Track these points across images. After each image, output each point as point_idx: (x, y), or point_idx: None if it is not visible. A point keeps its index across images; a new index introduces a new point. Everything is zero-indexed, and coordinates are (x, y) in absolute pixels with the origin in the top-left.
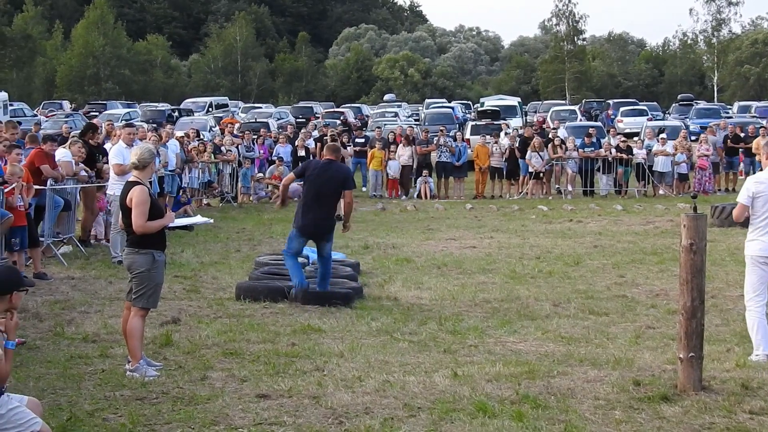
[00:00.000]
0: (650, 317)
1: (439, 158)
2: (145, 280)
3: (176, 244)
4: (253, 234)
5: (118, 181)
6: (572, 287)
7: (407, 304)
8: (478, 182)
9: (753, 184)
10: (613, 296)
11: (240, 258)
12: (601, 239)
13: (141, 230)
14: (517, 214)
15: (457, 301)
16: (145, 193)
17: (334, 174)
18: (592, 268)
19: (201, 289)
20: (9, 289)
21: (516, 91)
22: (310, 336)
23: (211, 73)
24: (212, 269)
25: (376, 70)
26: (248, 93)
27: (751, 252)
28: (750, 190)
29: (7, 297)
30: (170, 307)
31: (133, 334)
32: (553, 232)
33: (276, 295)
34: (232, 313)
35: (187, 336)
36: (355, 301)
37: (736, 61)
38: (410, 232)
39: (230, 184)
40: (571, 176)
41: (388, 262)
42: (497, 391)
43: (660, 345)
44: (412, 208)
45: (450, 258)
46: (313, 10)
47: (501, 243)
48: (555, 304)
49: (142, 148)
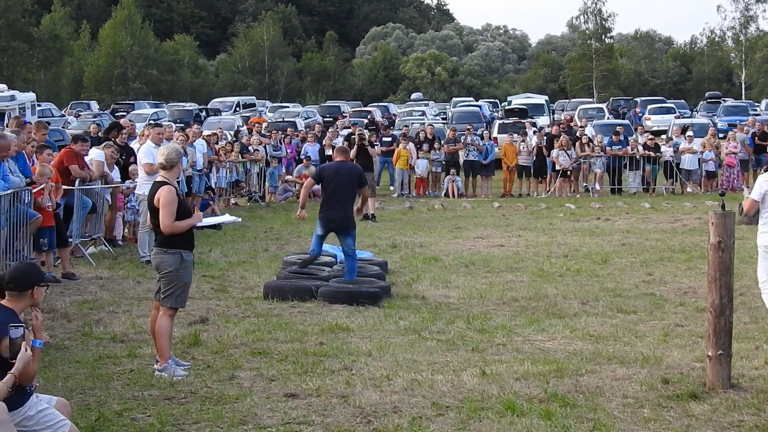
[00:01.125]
0: (679, 315)
1: (467, 157)
2: (173, 280)
3: (204, 244)
4: (281, 233)
5: (147, 180)
6: (600, 285)
7: (435, 302)
8: (505, 181)
9: (765, 183)
10: (642, 294)
11: (268, 257)
12: (629, 237)
13: (169, 230)
14: (545, 213)
15: (485, 299)
16: (173, 193)
17: (346, 174)
18: (620, 266)
19: (229, 289)
20: (30, 285)
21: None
22: (338, 335)
23: (239, 73)
24: (240, 269)
25: (403, 69)
26: (275, 92)
27: (763, 242)
28: (762, 188)
29: (28, 293)
30: (198, 307)
31: (162, 334)
32: (580, 230)
33: (304, 295)
34: (260, 312)
35: (216, 335)
36: (383, 300)
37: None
38: (438, 231)
39: (258, 184)
40: (599, 174)
41: (415, 261)
42: (525, 390)
43: (688, 343)
44: (440, 206)
45: (478, 256)
46: (340, 9)
47: (529, 241)
48: (583, 302)
49: (170, 148)
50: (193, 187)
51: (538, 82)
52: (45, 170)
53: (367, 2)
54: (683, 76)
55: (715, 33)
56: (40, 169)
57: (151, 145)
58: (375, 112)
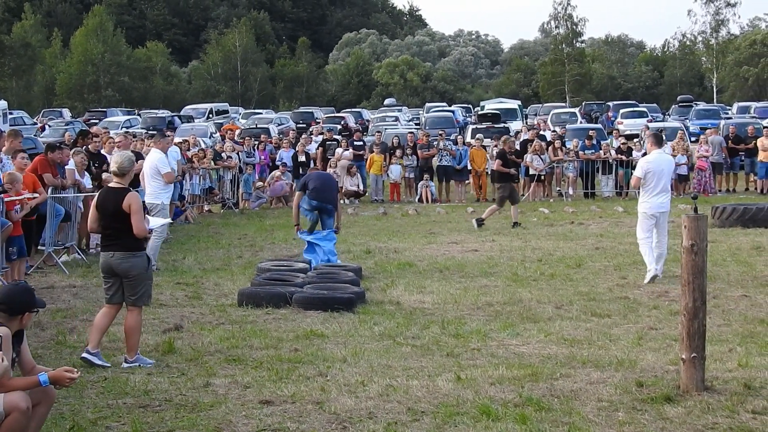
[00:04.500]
0: (652, 318)
1: (440, 162)
2: (144, 280)
3: (178, 251)
4: (255, 240)
5: (165, 189)
6: (574, 289)
7: (410, 308)
8: (476, 186)
9: (645, 163)
10: (615, 298)
11: (242, 264)
12: (602, 241)
13: (143, 234)
14: (519, 217)
15: (460, 304)
16: (140, 199)
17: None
18: (594, 270)
19: (203, 296)
20: (21, 311)
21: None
22: (313, 341)
23: (211, 80)
24: (214, 276)
25: (376, 75)
26: (248, 99)
27: (643, 209)
28: (643, 168)
29: (18, 317)
30: (172, 314)
31: (137, 331)
32: (554, 235)
33: (278, 301)
34: (235, 319)
35: (190, 343)
36: (357, 305)
37: (734, 61)
38: (412, 236)
39: (231, 191)
40: (572, 178)
41: (390, 267)
42: (500, 394)
43: (662, 346)
44: (414, 212)
45: (452, 261)
46: (312, 15)
47: (503, 246)
48: (557, 306)
49: (123, 155)
50: None
51: (511, 87)
52: (14, 177)
53: (339, 8)
54: (655, 80)
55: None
56: (8, 177)
57: (161, 155)
58: (348, 118)
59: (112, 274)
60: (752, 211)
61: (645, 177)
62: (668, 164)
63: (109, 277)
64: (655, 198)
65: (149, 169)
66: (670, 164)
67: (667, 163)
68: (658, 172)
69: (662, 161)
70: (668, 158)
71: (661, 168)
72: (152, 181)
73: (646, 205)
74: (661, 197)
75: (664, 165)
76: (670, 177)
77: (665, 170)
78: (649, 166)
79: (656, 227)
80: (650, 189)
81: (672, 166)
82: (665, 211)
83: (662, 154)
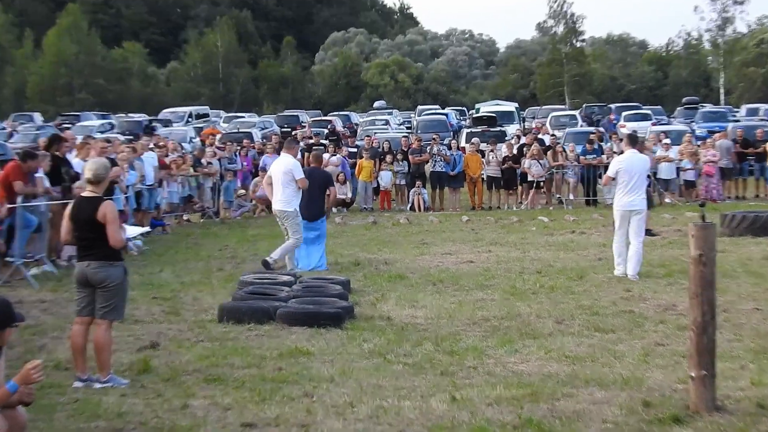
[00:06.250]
0: (659, 333)
1: (433, 168)
2: (119, 292)
3: (155, 263)
4: (237, 251)
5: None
6: (576, 303)
7: (401, 323)
8: (471, 193)
9: (617, 163)
10: (620, 312)
11: (223, 277)
12: (605, 251)
13: (120, 244)
14: (517, 226)
15: (455, 319)
16: (116, 207)
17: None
18: (597, 282)
19: (181, 311)
20: (2, 327)
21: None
22: (298, 360)
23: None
24: (193, 289)
25: (365, 76)
26: (230, 102)
27: (615, 207)
28: (614, 167)
29: None
30: (148, 331)
31: (107, 347)
32: (554, 245)
33: (261, 317)
34: (215, 336)
35: (167, 361)
36: (345, 321)
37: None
38: (403, 247)
39: (212, 199)
40: (573, 185)
41: (380, 279)
42: (498, 416)
43: (670, 363)
44: (405, 221)
45: (446, 274)
46: (298, 13)
47: (500, 257)
48: (558, 321)
49: (98, 162)
50: (142, 203)
51: (508, 89)
52: None
53: (326, 6)
54: (659, 80)
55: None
56: None
57: (295, 160)
58: (336, 121)
59: (86, 284)
60: (763, 219)
61: (617, 175)
62: (641, 163)
63: (82, 288)
64: (626, 196)
65: (282, 175)
66: (643, 164)
67: (639, 163)
68: (629, 171)
69: (635, 160)
70: (642, 158)
71: (632, 167)
72: (285, 187)
73: (617, 203)
74: (633, 195)
75: (636, 164)
76: (643, 176)
77: (637, 169)
78: (620, 165)
79: (630, 226)
80: (622, 187)
81: (646, 166)
82: (637, 210)
83: (636, 153)
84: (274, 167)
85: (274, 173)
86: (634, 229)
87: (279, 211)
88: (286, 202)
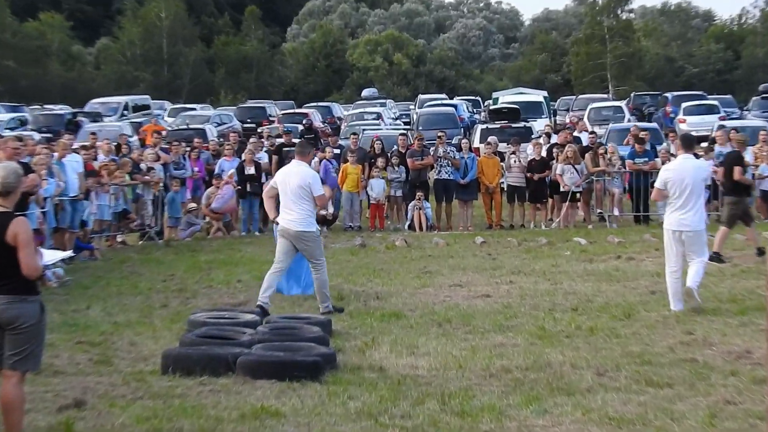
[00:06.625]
0: (729, 389)
1: (439, 175)
2: (35, 335)
3: (79, 298)
4: (186, 283)
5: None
6: (622, 349)
7: (397, 375)
8: (488, 207)
9: (665, 172)
10: (679, 360)
11: (167, 316)
12: (660, 282)
13: (35, 273)
14: (546, 250)
15: (466, 370)
16: (29, 226)
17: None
18: (649, 323)
19: (114, 360)
20: None
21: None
22: (265, 422)
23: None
24: (129, 332)
25: (350, 57)
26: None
27: (666, 226)
28: (662, 177)
29: None
30: (71, 385)
31: (18, 406)
32: (594, 274)
33: (217, 367)
34: (158, 392)
35: (95, 425)
36: (325, 372)
37: None
38: (400, 277)
39: (154, 215)
40: (618, 197)
41: (370, 319)
42: None
43: (743, 427)
44: (403, 243)
45: (455, 311)
46: None
47: (524, 289)
48: (599, 372)
49: (6, 168)
50: (64, 219)
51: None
52: None
53: None
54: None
55: None
56: None
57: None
58: (313, 115)
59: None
60: None
61: (666, 187)
62: (694, 171)
63: None
64: (676, 213)
65: (298, 190)
66: (699, 172)
67: (694, 170)
68: (678, 182)
69: (688, 168)
70: (696, 164)
71: (683, 176)
72: (300, 203)
73: (666, 221)
74: (685, 212)
75: (690, 172)
76: (700, 187)
77: (690, 179)
78: (668, 174)
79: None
80: (672, 203)
81: (703, 174)
82: (692, 231)
83: (689, 159)
84: (283, 177)
85: (284, 186)
86: (693, 250)
87: (296, 233)
88: (304, 222)
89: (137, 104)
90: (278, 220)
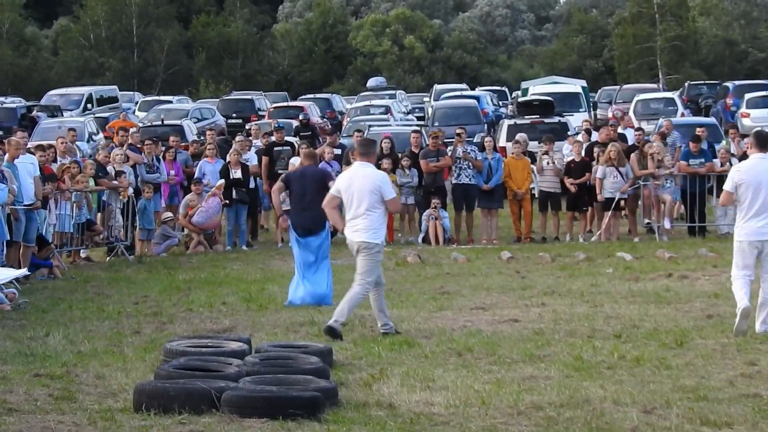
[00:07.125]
0: None
1: (458, 179)
2: None
3: (37, 323)
4: (161, 305)
5: None
6: (673, 383)
7: (410, 413)
8: (515, 216)
9: (735, 173)
10: (740, 396)
11: (140, 344)
12: (718, 305)
13: None
14: (584, 267)
15: (490, 407)
16: None
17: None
18: (705, 352)
19: (78, 395)
20: None
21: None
22: None
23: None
24: (96, 363)
25: (353, 40)
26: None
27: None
28: (734, 179)
29: None
30: (28, 425)
31: None
32: (641, 295)
33: (199, 403)
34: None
35: None
36: (325, 410)
37: None
38: (413, 298)
39: (123, 226)
40: (670, 205)
41: (378, 347)
42: None
43: None
44: (416, 259)
45: (477, 339)
46: None
47: (558, 313)
48: (646, 410)
49: None
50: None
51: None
52: None
53: None
54: None
55: None
56: None
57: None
58: (310, 108)
59: None
60: None
61: (738, 192)
62: None
63: None
64: (752, 221)
65: (368, 195)
66: None
67: None
68: (754, 185)
69: (762, 169)
70: None
71: (759, 179)
72: (372, 211)
73: (740, 231)
74: (762, 219)
75: (764, 175)
76: None
77: (767, 182)
78: (741, 176)
79: (759, 263)
80: (745, 208)
81: None
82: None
83: (765, 159)
84: (348, 182)
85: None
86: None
87: (362, 243)
88: (373, 231)
89: (103, 96)
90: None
